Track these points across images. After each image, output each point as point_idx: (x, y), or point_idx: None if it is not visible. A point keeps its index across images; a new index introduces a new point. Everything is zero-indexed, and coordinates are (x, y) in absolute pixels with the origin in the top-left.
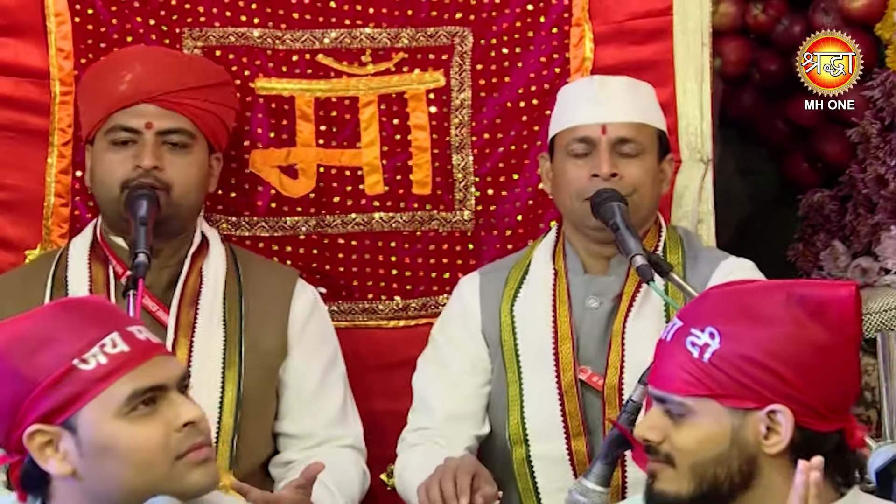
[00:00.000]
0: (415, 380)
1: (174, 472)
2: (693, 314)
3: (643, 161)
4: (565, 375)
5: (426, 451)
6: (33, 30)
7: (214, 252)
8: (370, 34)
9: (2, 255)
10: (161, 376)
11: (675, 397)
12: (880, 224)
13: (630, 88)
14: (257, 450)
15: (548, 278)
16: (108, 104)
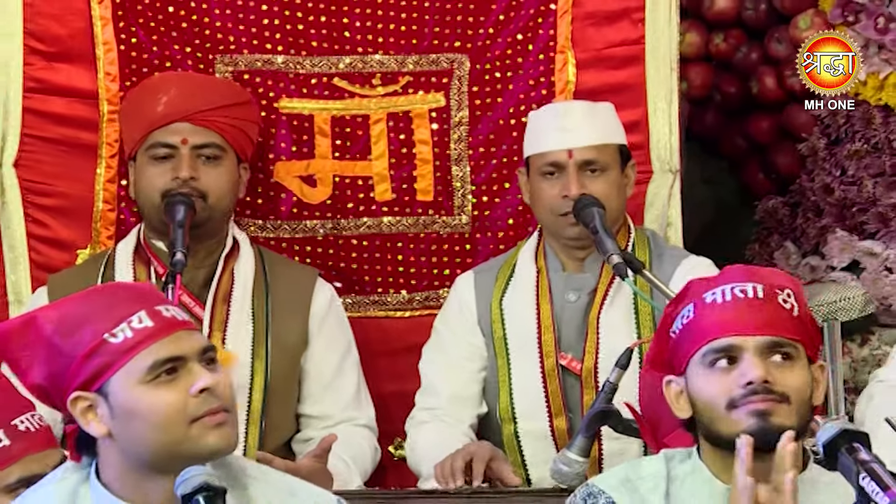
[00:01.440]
0: (421, 365)
1: (191, 433)
2: (768, 278)
3: (607, 176)
4: (548, 361)
5: (434, 428)
6: (84, 56)
7: (245, 254)
8: (380, 60)
9: (56, 254)
10: (180, 349)
11: (789, 340)
12: (827, 227)
13: (590, 113)
14: (282, 430)
15: (532, 276)
16: (147, 124)
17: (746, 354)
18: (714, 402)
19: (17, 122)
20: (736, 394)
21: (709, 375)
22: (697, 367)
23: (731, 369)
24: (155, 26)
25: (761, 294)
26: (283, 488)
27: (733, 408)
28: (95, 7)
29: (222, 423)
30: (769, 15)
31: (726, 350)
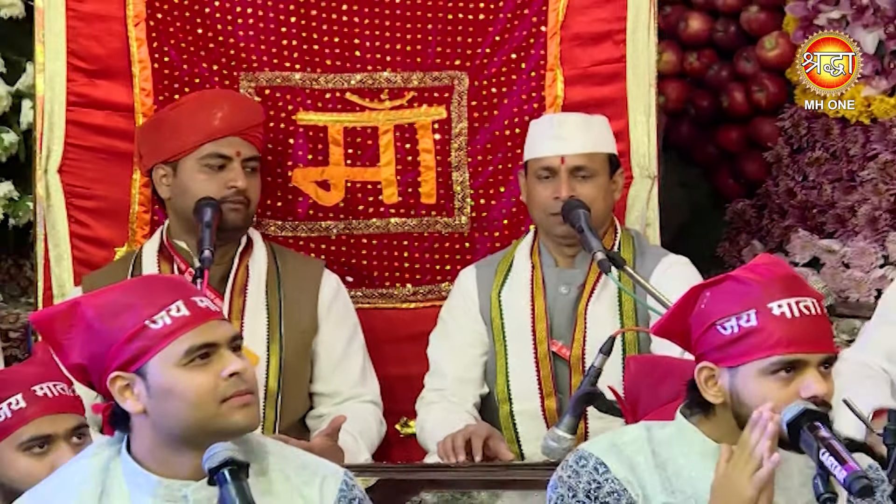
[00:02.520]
0: (429, 351)
1: (220, 412)
2: (813, 292)
3: (595, 182)
4: (540, 347)
5: (442, 407)
6: (121, 73)
7: (258, 250)
8: (388, 77)
9: (96, 251)
10: (213, 336)
11: (836, 354)
12: (790, 227)
13: (583, 125)
14: (296, 407)
15: (527, 270)
16: (201, 136)
17: (810, 369)
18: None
19: (62, 133)
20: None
21: (770, 383)
22: (757, 371)
23: (791, 378)
24: (185, 47)
25: (818, 310)
26: (297, 462)
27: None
28: (132, 29)
29: (248, 403)
30: (738, 36)
31: (793, 364)
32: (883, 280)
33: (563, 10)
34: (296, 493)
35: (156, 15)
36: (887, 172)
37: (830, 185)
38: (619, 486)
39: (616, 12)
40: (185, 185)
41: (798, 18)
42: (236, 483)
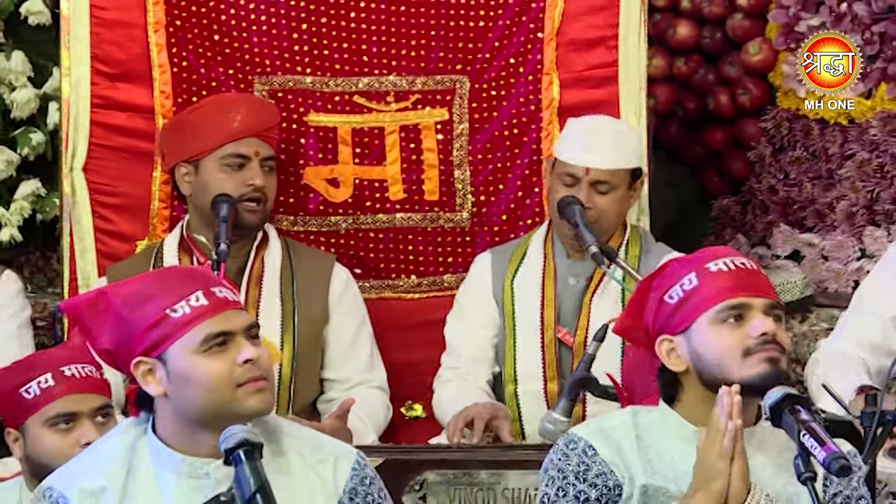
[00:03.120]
0: (446, 332)
1: (235, 396)
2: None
3: (613, 195)
4: (547, 333)
5: (456, 385)
6: (142, 77)
7: (273, 244)
8: (393, 80)
9: (119, 245)
10: (230, 325)
11: (780, 304)
12: (772, 222)
13: (614, 140)
14: (308, 392)
15: (540, 260)
16: (222, 137)
17: (756, 312)
18: (728, 353)
19: (86, 133)
20: (751, 343)
21: (721, 330)
22: (707, 324)
23: (740, 325)
24: (202, 52)
25: (755, 267)
26: (312, 443)
27: (749, 355)
28: (152, 35)
29: (262, 388)
30: (723, 42)
31: (738, 308)
32: (860, 272)
33: (559, 17)
34: (311, 472)
35: (175, 22)
36: (864, 171)
37: (810, 182)
38: (606, 468)
39: (608, 19)
40: (206, 182)
41: (780, 25)
42: (251, 463)
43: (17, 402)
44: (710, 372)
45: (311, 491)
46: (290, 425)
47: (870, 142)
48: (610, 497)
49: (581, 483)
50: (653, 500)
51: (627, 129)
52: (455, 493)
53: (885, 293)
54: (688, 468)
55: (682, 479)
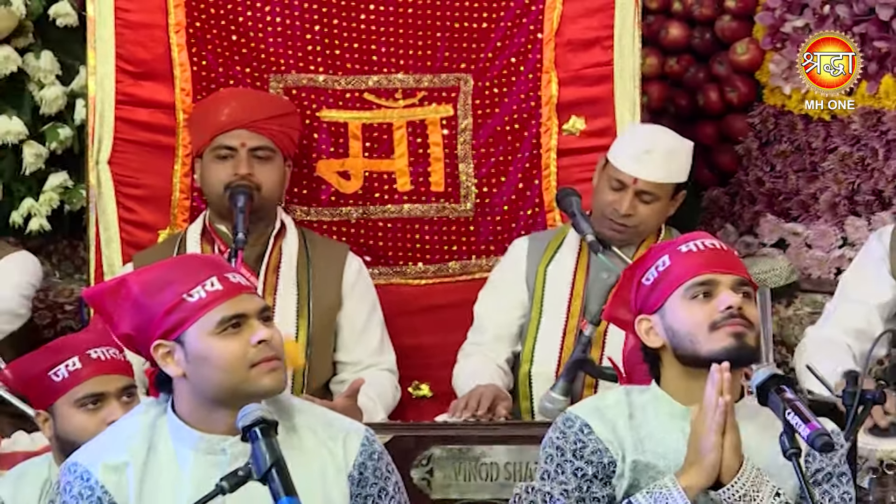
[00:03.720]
0: (476, 307)
1: (250, 376)
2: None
3: (654, 205)
4: (570, 322)
5: (476, 360)
6: (164, 75)
7: (290, 234)
8: (401, 79)
9: (142, 234)
10: (243, 308)
11: (748, 281)
12: (759, 212)
13: (667, 157)
14: (322, 374)
15: (574, 252)
16: (212, 130)
17: (723, 288)
18: (697, 327)
19: (111, 129)
20: (717, 317)
21: (691, 306)
22: (678, 301)
23: (709, 300)
24: (220, 51)
25: (725, 248)
26: (323, 420)
27: (715, 329)
28: (173, 36)
29: (275, 368)
30: (713, 42)
31: (706, 284)
32: (842, 259)
33: (557, 19)
34: (322, 448)
35: (195, 23)
36: (845, 164)
37: (795, 174)
38: (601, 445)
39: (604, 21)
40: (205, 175)
41: (766, 26)
42: (266, 440)
43: (45, 384)
44: (683, 347)
45: (322, 466)
46: (303, 404)
47: (851, 136)
48: (605, 473)
49: (578, 460)
50: (642, 476)
51: (680, 147)
52: (460, 467)
53: (869, 282)
54: (676, 445)
55: (671, 456)
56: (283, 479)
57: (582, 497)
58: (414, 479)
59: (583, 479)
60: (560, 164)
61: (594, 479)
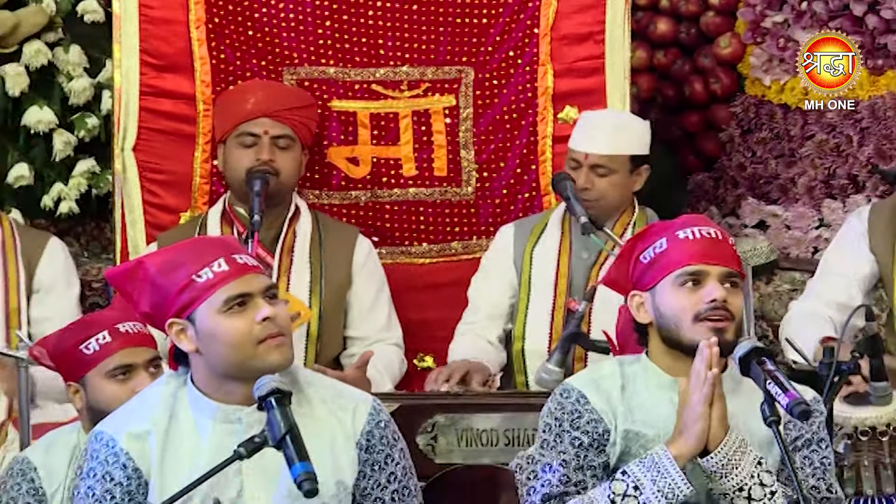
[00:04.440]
0: (469, 291)
1: (256, 352)
2: (718, 227)
3: (611, 178)
4: (558, 299)
5: (468, 338)
6: (185, 68)
7: (304, 217)
8: (406, 71)
9: (164, 216)
10: (249, 287)
11: (737, 272)
12: (741, 195)
13: (614, 129)
14: (333, 348)
15: (557, 235)
16: (237, 118)
17: (711, 279)
18: (682, 314)
19: (135, 118)
20: (702, 308)
21: (679, 293)
22: (668, 285)
23: (697, 289)
24: (238, 45)
25: (720, 237)
26: (333, 391)
27: (698, 321)
28: (193, 31)
29: (281, 344)
30: (698, 36)
31: (696, 274)
32: (818, 239)
33: (553, 15)
34: (332, 417)
35: (213, 19)
36: (822, 150)
37: (775, 160)
38: (596, 415)
39: (596, 17)
40: (228, 159)
41: (747, 22)
42: (281, 408)
43: (76, 357)
44: (668, 328)
45: (332, 433)
46: (313, 375)
47: (827, 124)
48: (600, 441)
49: (575, 430)
50: (633, 443)
51: (629, 122)
52: (462, 434)
53: (848, 258)
54: (664, 414)
55: (659, 424)
56: (296, 445)
57: (579, 465)
58: (419, 444)
59: (580, 447)
60: (555, 150)
61: (590, 447)
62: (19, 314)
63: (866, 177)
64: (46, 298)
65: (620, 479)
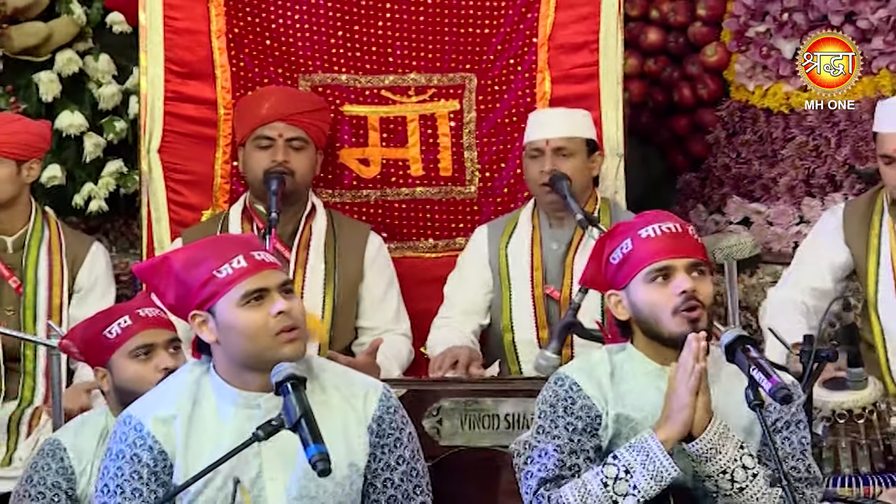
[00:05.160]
0: (445, 288)
1: (272, 343)
2: (678, 219)
3: (574, 160)
4: (536, 290)
5: (446, 331)
6: (207, 76)
7: (319, 214)
8: (414, 78)
9: (187, 214)
10: (265, 282)
11: (702, 261)
12: (727, 194)
13: (564, 116)
14: (345, 337)
15: (528, 230)
16: (255, 122)
17: (678, 272)
18: (658, 309)
19: (160, 122)
20: (677, 302)
21: (650, 289)
22: (640, 283)
23: (667, 283)
24: (256, 54)
25: (680, 230)
26: (346, 378)
27: (675, 314)
28: (215, 41)
29: (294, 338)
30: (686, 45)
31: (663, 269)
32: (799, 235)
33: (550, 25)
34: (346, 403)
35: (233, 30)
36: (802, 151)
37: (758, 161)
38: (589, 401)
39: (591, 27)
40: (247, 161)
41: (732, 32)
42: (296, 393)
43: (101, 343)
44: (646, 322)
45: (345, 418)
46: (326, 363)
47: (807, 127)
48: (592, 425)
49: (569, 416)
50: (623, 427)
51: (573, 111)
52: (465, 417)
53: (823, 248)
54: (651, 399)
55: (647, 409)
56: (311, 428)
57: (573, 449)
58: (425, 427)
59: (573, 432)
60: None
61: (583, 431)
62: (61, 311)
63: (843, 176)
64: (86, 299)
65: (612, 463)
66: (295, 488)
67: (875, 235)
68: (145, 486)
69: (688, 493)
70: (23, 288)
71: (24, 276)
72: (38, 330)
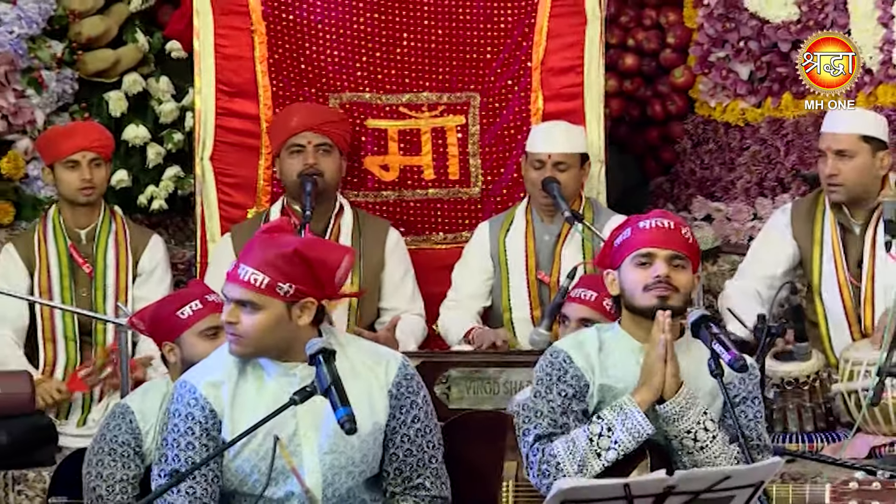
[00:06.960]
0: (453, 275)
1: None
2: (676, 219)
3: (569, 172)
4: (530, 275)
5: (455, 313)
6: (251, 95)
7: (346, 213)
8: (427, 96)
9: (235, 212)
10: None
11: (683, 254)
12: (692, 195)
13: (566, 133)
14: (369, 316)
15: (523, 225)
16: (286, 134)
17: (658, 260)
18: (635, 286)
19: (212, 133)
20: (649, 282)
21: (634, 270)
22: (628, 265)
23: (647, 268)
24: (293, 76)
25: (672, 226)
26: (370, 350)
27: (646, 290)
28: (258, 65)
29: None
30: (657, 68)
31: (647, 256)
32: (753, 229)
33: (542, 52)
34: (369, 371)
35: (273, 56)
36: (756, 159)
37: (718, 166)
38: (579, 372)
39: (577, 53)
40: (282, 167)
41: (697, 57)
42: (327, 364)
43: (174, 321)
44: (628, 298)
45: (368, 384)
46: (352, 338)
47: (760, 138)
48: (581, 392)
49: (562, 383)
50: (606, 395)
51: (574, 127)
52: (470, 384)
53: (774, 243)
54: (631, 371)
55: (628, 379)
56: (339, 393)
57: (564, 411)
58: (436, 393)
59: (565, 397)
60: None
61: (573, 397)
62: (126, 292)
63: (791, 180)
64: (146, 282)
65: (596, 422)
66: (326, 444)
67: (819, 230)
68: (197, 440)
69: (662, 450)
70: (94, 273)
71: (94, 262)
72: (107, 308)
